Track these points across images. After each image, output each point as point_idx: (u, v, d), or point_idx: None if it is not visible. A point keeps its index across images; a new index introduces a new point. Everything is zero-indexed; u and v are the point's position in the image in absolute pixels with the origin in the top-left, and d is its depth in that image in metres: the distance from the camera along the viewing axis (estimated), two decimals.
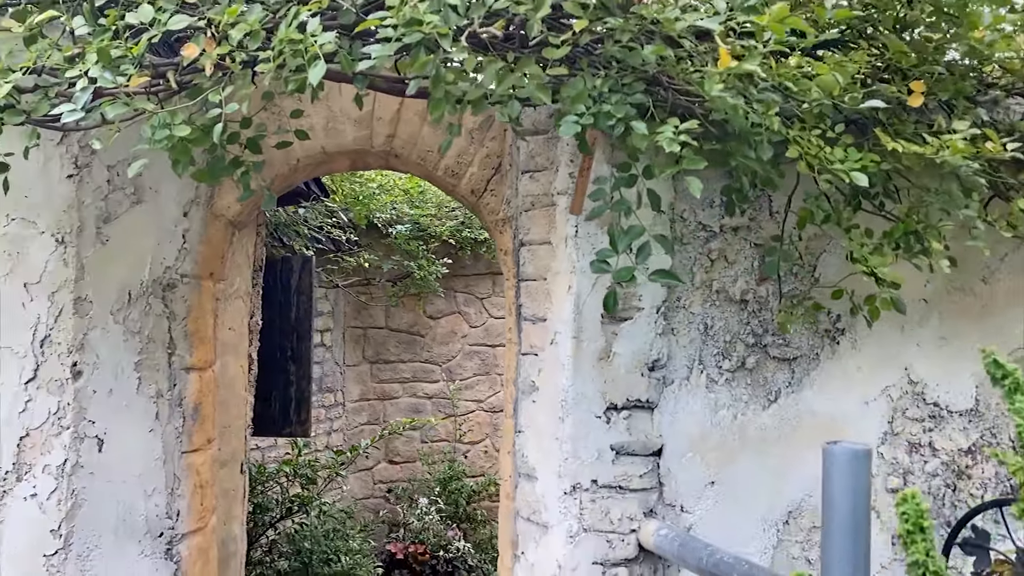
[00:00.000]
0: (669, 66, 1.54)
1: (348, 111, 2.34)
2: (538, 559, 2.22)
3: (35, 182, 2.05)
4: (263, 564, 4.65)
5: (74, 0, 1.72)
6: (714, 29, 1.45)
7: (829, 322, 2.45)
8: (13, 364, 2.08)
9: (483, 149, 2.41)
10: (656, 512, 2.21)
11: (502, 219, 2.44)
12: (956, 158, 1.82)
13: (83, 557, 2.12)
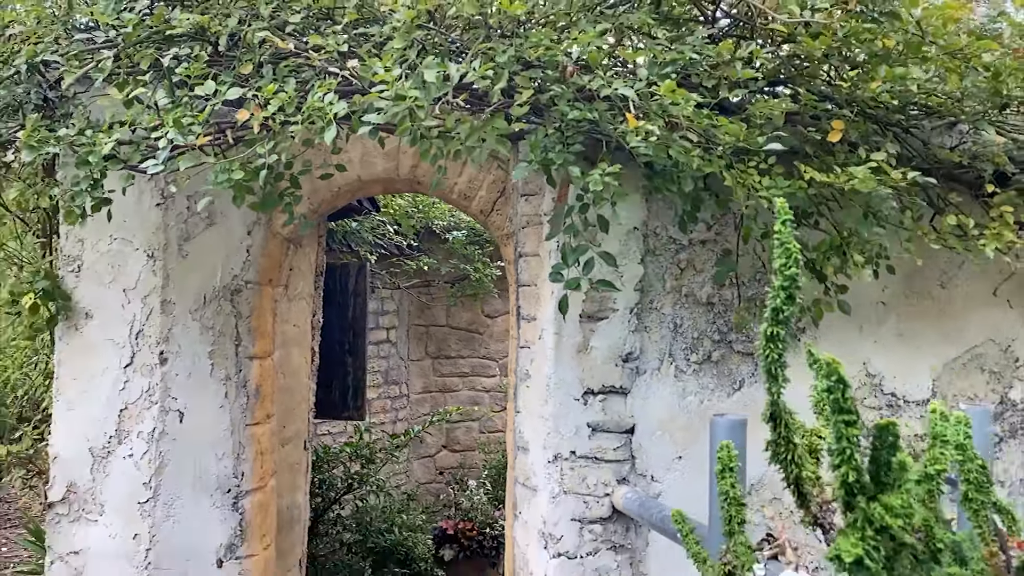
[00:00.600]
0: (603, 122, 1.97)
1: (378, 147, 2.83)
2: (530, 517, 2.68)
3: (131, 210, 2.62)
4: (329, 535, 5.23)
5: (159, 72, 2.26)
6: (629, 95, 1.88)
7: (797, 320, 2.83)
8: (114, 352, 2.66)
9: (490, 176, 2.87)
10: (629, 480, 2.64)
11: (506, 234, 2.90)
12: (863, 185, 2.19)
13: (168, 505, 2.68)
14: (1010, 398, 3.04)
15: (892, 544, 1.04)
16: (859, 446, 1.09)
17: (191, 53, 2.18)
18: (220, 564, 2.73)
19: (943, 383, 3.00)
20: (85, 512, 2.64)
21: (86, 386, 2.66)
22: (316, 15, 2.22)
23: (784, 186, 2.25)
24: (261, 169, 2.10)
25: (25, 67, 2.24)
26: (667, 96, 1.83)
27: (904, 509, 1.05)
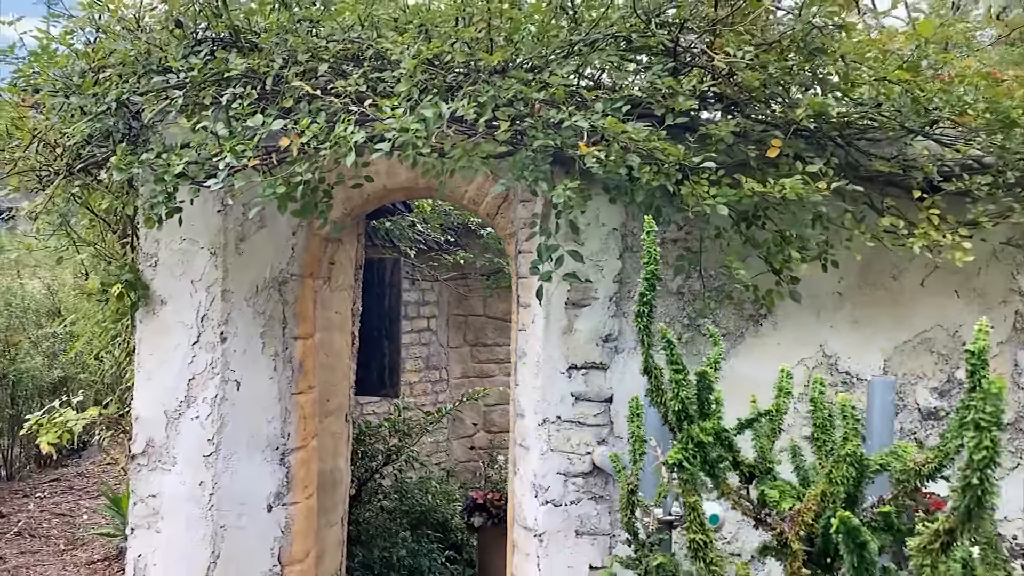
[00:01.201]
0: (566, 147, 2.46)
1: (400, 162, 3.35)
2: (524, 471, 3.18)
3: (197, 217, 3.19)
4: (371, 502, 5.81)
5: (219, 107, 2.81)
6: (584, 126, 2.36)
7: (754, 308, 3.27)
8: (184, 333, 3.24)
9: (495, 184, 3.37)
10: (607, 442, 3.12)
11: (509, 233, 3.40)
12: (791, 193, 2.63)
13: (227, 459, 3.25)
14: (956, 377, 3.43)
15: (703, 453, 1.51)
16: (684, 387, 1.57)
17: (244, 92, 2.72)
18: (269, 509, 3.30)
19: (894, 363, 3.41)
20: (161, 463, 3.23)
21: (161, 360, 3.25)
22: (343, 59, 2.75)
23: (729, 195, 2.70)
24: (299, 185, 2.64)
25: (115, 103, 2.81)
26: (612, 128, 2.31)
27: (714, 429, 1.53)
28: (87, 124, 2.82)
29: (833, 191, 2.78)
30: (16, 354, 8.43)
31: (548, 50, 2.59)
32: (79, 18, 3.09)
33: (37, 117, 3.14)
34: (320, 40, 2.71)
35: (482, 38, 2.55)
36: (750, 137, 2.83)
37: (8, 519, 7.70)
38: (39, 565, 6.64)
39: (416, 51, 2.49)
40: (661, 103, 2.60)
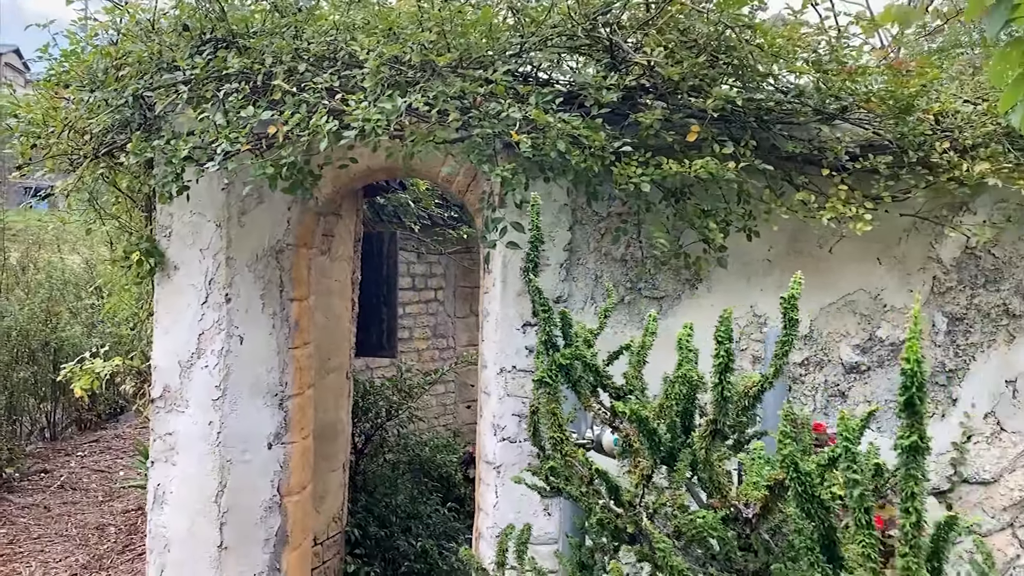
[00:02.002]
0: (504, 134, 2.90)
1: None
2: (486, 413, 3.66)
3: (204, 193, 3.69)
4: (376, 455, 6.34)
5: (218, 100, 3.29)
6: (517, 117, 2.80)
7: (690, 273, 3.70)
8: (194, 294, 3.75)
9: (465, 165, 3.83)
10: None
11: (477, 208, 3.86)
12: (702, 172, 3.05)
13: (232, 403, 3.77)
14: (877, 336, 3.84)
15: (566, 373, 1.97)
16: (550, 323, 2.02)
17: (239, 87, 3.20)
18: (270, 447, 3.82)
19: (819, 323, 3.82)
20: (176, 406, 3.76)
21: (175, 317, 3.77)
22: (321, 59, 3.21)
23: (653, 174, 3.14)
24: (284, 166, 3.12)
25: (132, 97, 3.31)
26: (539, 119, 2.75)
27: (572, 355, 1.98)
28: (109, 115, 3.32)
29: (750, 169, 3.21)
30: (57, 323, 9.08)
31: (493, 51, 3.04)
32: (102, 23, 3.59)
33: (68, 107, 3.65)
34: (302, 43, 3.18)
35: (436, 40, 3.00)
36: (675, 124, 3.25)
37: (52, 474, 8.38)
38: (80, 513, 7.29)
39: (379, 53, 2.95)
40: (591, 96, 3.04)
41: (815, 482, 1.50)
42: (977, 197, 3.80)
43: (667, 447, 1.80)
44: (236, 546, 3.73)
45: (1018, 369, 3.92)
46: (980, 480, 3.89)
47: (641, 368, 2.25)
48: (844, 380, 3.82)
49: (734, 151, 3.19)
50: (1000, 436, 3.92)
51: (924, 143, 3.38)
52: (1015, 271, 3.91)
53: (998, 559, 3.89)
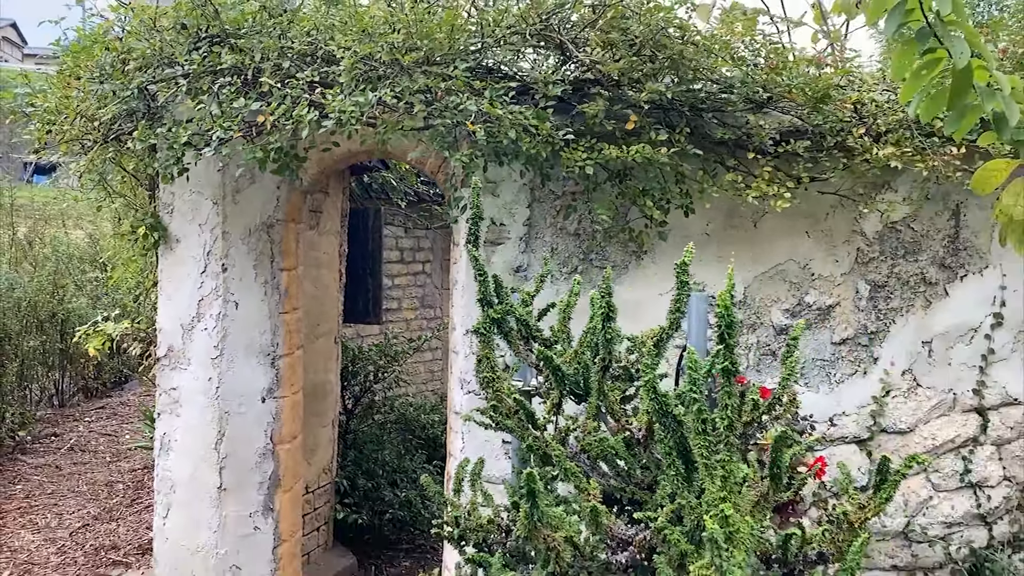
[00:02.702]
0: (462, 124, 3.33)
1: (364, 129, 4.24)
2: (455, 371, 4.12)
3: (202, 174, 4.12)
4: (366, 416, 6.82)
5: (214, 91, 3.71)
6: (473, 109, 3.23)
7: (636, 246, 4.14)
8: (194, 264, 4.20)
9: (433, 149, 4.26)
10: None
11: (449, 186, 4.29)
12: (637, 156, 3.48)
13: (229, 361, 4.23)
14: (806, 301, 4.29)
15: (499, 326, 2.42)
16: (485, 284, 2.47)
17: (231, 80, 3.63)
18: (263, 400, 4.29)
19: (752, 290, 4.27)
20: (179, 364, 4.22)
21: (177, 285, 4.22)
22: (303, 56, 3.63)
23: (596, 158, 3.57)
24: (271, 151, 3.56)
25: (137, 89, 3.74)
26: (489, 110, 3.19)
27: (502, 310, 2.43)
28: (116, 105, 3.75)
29: (683, 153, 3.64)
30: (64, 295, 9.53)
31: (454, 50, 3.46)
32: (109, 20, 4.01)
33: (79, 97, 4.07)
34: (287, 42, 3.60)
35: (404, 40, 3.42)
36: (617, 114, 3.67)
37: (61, 437, 8.87)
38: (89, 472, 7.78)
39: (353, 52, 3.37)
40: (540, 89, 3.46)
41: (670, 403, 1.96)
42: (898, 177, 4.24)
43: (571, 381, 2.26)
44: (234, 488, 4.21)
45: (934, 331, 4.38)
46: (897, 430, 4.36)
47: (567, 322, 2.70)
48: (775, 341, 4.28)
49: (668, 137, 3.62)
50: (916, 391, 4.38)
51: (842, 129, 3.81)
52: (932, 243, 4.36)
53: (912, 501, 4.38)
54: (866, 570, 4.35)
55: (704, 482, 1.88)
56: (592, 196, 3.93)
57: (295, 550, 4.45)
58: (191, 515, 4.19)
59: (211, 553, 4.18)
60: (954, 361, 4.40)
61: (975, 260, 4.40)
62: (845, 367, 4.32)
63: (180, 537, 4.19)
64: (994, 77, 2.76)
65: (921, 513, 4.38)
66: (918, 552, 4.36)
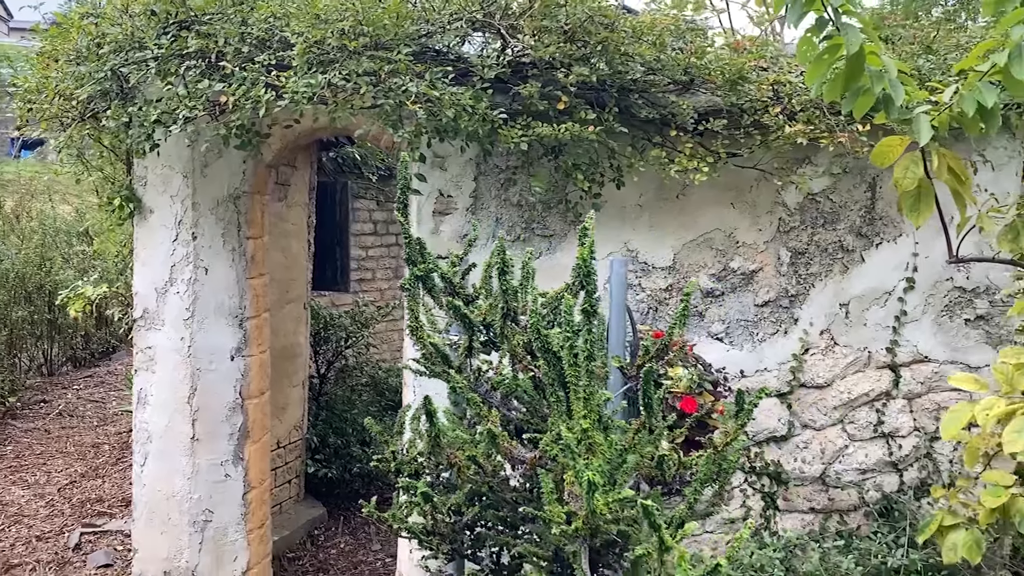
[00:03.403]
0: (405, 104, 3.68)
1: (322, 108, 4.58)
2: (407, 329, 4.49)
3: (172, 149, 4.46)
4: (340, 381, 7.21)
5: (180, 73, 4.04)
6: (413, 90, 3.58)
7: (573, 215, 4.49)
8: (166, 233, 4.55)
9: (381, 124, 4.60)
10: None
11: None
12: (565, 135, 3.82)
13: (200, 322, 4.59)
14: (731, 267, 4.67)
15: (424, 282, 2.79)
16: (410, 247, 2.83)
17: (196, 63, 3.96)
18: (232, 358, 4.66)
19: (681, 256, 4.65)
20: (154, 324, 4.58)
21: (152, 252, 4.57)
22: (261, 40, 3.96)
23: (531, 135, 3.92)
24: (233, 128, 3.90)
25: (110, 71, 4.07)
26: (427, 92, 3.54)
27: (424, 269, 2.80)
28: (92, 86, 4.08)
29: (611, 131, 3.99)
30: (51, 268, 9.85)
31: (399, 35, 3.80)
32: (85, 5, 4.32)
33: (58, 77, 4.40)
34: (247, 28, 3.92)
35: (353, 26, 3.75)
36: (550, 95, 4.02)
37: (51, 404, 9.22)
38: (77, 435, 8.15)
39: (306, 38, 3.71)
40: (478, 71, 3.81)
41: (549, 339, 2.33)
42: (817, 153, 4.61)
43: (479, 329, 2.63)
44: (206, 438, 4.59)
45: (851, 294, 4.77)
46: (815, 384, 4.77)
47: (488, 280, 3.07)
48: (702, 303, 4.66)
49: (597, 116, 3.97)
50: (833, 349, 4.78)
51: (758, 108, 4.16)
52: (849, 213, 4.74)
53: (829, 449, 4.79)
54: (786, 512, 4.78)
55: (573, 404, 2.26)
56: (530, 170, 4.29)
57: (264, 496, 4.84)
58: (167, 463, 4.57)
59: (185, 498, 4.56)
60: (869, 322, 4.79)
61: (890, 229, 4.78)
62: (767, 327, 4.71)
63: (157, 483, 4.58)
64: (882, 62, 3.13)
65: (838, 461, 4.79)
66: (834, 496, 4.78)
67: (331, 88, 3.70)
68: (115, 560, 5.06)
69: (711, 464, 2.43)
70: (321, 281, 6.18)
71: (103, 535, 5.44)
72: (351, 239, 6.50)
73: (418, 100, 3.63)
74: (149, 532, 4.63)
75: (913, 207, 3.31)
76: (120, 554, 5.15)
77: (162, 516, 4.59)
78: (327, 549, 5.74)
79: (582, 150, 4.08)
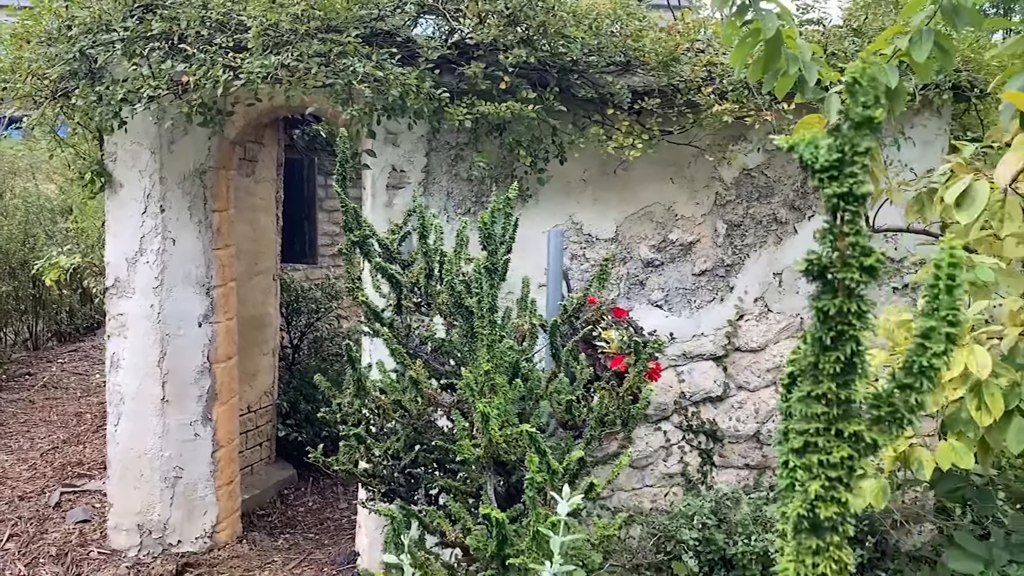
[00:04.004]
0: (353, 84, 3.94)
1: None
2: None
3: (140, 126, 4.71)
4: (312, 351, 7.49)
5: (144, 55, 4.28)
6: (360, 71, 3.84)
7: (522, 189, 4.77)
8: (136, 206, 4.81)
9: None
10: None
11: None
12: (506, 112, 4.09)
13: (169, 290, 4.86)
14: (670, 238, 4.96)
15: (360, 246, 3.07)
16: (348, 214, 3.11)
17: (159, 45, 4.20)
18: (200, 325, 4.93)
19: (623, 228, 4.93)
20: (125, 292, 4.85)
21: (122, 225, 4.83)
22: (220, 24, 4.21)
23: (475, 113, 4.19)
24: (195, 106, 4.15)
25: (79, 53, 4.31)
26: (375, 73, 3.80)
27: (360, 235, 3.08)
28: (62, 66, 4.32)
29: (551, 110, 4.26)
30: (35, 244, 10.08)
31: (348, 18, 4.05)
32: None
33: (31, 58, 4.63)
34: (207, 12, 4.17)
35: (305, 10, 4.01)
36: (494, 75, 4.28)
37: (35, 376, 9.48)
38: (60, 406, 8.42)
39: (260, 21, 3.96)
40: (423, 53, 4.07)
41: (463, 297, 2.62)
42: (750, 130, 4.88)
43: (406, 286, 2.92)
44: (175, 400, 4.88)
45: (784, 264, 5.07)
46: (750, 348, 5.08)
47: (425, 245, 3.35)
48: (642, 272, 4.96)
49: (539, 95, 4.24)
50: (767, 315, 5.09)
51: (690, 88, 4.44)
52: (783, 188, 5.03)
53: (762, 410, 5.10)
54: (723, 468, 5.10)
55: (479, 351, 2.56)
56: (478, 146, 4.56)
57: (232, 455, 5.14)
58: (139, 423, 4.85)
59: (157, 455, 4.86)
60: (801, 290, 5.09)
61: (820, 203, 5.07)
62: (704, 295, 5.01)
63: (130, 442, 4.86)
64: (798, 45, 3.40)
65: (771, 420, 5.11)
66: (767, 453, 5.11)
67: (285, 68, 3.96)
68: (92, 516, 5.36)
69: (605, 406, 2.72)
70: (290, 254, 6.45)
71: (82, 494, 5.73)
72: (324, 215, 6.76)
73: (365, 80, 3.90)
74: (123, 488, 4.92)
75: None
76: (98, 511, 5.45)
77: (135, 473, 4.88)
78: (296, 507, 6.06)
79: (524, 127, 4.35)
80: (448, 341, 3.00)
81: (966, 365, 2.92)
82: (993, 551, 4.00)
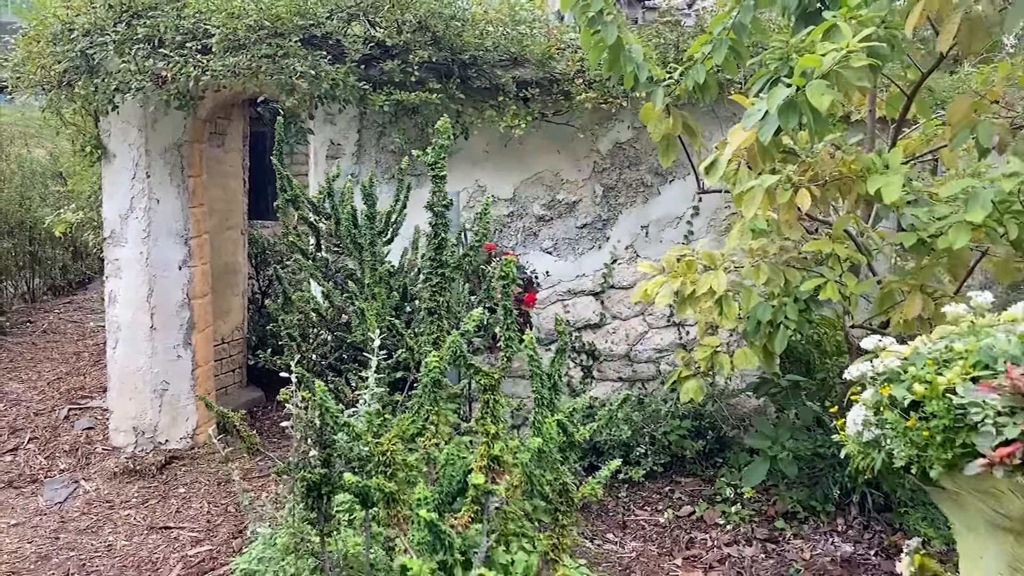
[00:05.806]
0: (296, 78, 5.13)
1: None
2: None
3: (130, 109, 5.88)
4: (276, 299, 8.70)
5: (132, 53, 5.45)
6: (300, 68, 5.03)
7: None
8: (126, 173, 5.99)
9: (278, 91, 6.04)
10: None
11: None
12: (416, 99, 5.29)
13: (155, 240, 6.07)
14: (558, 199, 6.21)
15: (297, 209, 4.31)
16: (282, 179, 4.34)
17: (144, 45, 5.37)
18: (180, 268, 6.15)
19: (520, 190, 6.17)
20: (119, 242, 6.06)
21: (116, 188, 6.02)
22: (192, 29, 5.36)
23: (392, 99, 5.39)
24: (173, 94, 5.34)
25: (79, 51, 5.47)
26: (308, 71, 4.99)
27: (293, 194, 4.32)
28: (64, 63, 5.49)
29: (453, 97, 5.47)
30: (30, 205, 11.20)
31: (293, 26, 5.23)
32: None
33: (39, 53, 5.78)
34: (181, 20, 5.34)
35: (257, 19, 5.17)
36: (406, 70, 5.47)
37: (35, 324, 10.66)
38: (60, 347, 9.62)
39: (222, 29, 5.14)
40: (349, 52, 5.27)
41: (355, 236, 3.87)
42: (622, 112, 6.11)
43: (323, 232, 4.15)
44: (161, 328, 6.12)
45: (650, 219, 6.33)
46: (622, 286, 6.35)
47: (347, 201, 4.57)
48: (535, 226, 6.21)
49: (443, 86, 5.44)
50: (636, 260, 6.35)
51: (564, 79, 5.65)
52: (649, 158, 6.27)
53: (632, 335, 6.39)
54: (601, 381, 6.40)
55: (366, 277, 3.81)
56: (399, 125, 5.77)
57: (208, 373, 6.40)
58: (132, 347, 6.10)
59: (147, 372, 6.11)
60: (664, 239, 6.36)
61: (680, 170, 6.31)
62: (586, 244, 6.26)
63: (125, 361, 6.11)
64: (631, 50, 4.60)
65: (639, 343, 6.40)
66: (637, 369, 6.41)
67: (241, 67, 5.15)
68: (96, 425, 6.62)
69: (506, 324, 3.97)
70: (257, 212, 7.64)
71: (87, 410, 6.99)
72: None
73: (304, 76, 5.09)
74: (121, 399, 6.18)
75: (664, 152, 4.83)
76: (100, 421, 6.71)
77: (130, 386, 6.14)
78: (263, 421, 7.33)
79: (432, 110, 5.56)
80: (351, 269, 4.25)
81: (711, 285, 4.21)
82: (779, 431, 5.35)
